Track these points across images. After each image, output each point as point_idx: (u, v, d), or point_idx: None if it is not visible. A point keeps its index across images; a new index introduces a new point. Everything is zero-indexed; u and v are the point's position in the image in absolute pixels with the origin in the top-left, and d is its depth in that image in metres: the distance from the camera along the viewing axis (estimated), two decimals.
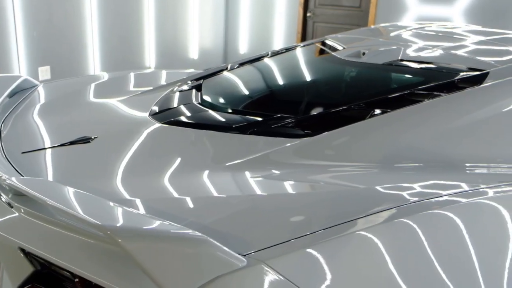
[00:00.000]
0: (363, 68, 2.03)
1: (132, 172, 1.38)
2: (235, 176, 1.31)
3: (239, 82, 2.15)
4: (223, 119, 1.67)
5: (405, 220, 1.12)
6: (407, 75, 1.98)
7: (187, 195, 1.25)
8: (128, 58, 6.17)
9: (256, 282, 0.94)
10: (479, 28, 2.68)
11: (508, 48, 2.14)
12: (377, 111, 1.58)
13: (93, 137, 1.61)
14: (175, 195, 1.27)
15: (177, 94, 2.01)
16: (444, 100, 1.66)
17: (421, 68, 1.95)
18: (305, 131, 1.50)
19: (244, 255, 0.98)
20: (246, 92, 2.08)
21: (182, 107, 1.82)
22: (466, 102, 1.67)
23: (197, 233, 0.96)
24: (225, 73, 2.25)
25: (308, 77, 2.12)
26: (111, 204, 1.05)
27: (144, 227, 0.96)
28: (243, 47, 7.54)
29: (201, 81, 2.15)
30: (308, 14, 6.94)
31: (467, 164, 1.52)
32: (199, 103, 1.85)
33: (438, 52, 2.11)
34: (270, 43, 7.25)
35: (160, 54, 6.57)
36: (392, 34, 2.57)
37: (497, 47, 2.18)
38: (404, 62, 1.99)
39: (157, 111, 1.81)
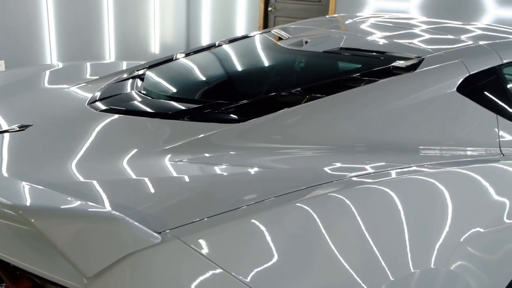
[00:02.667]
0: (304, 56, 2.06)
1: (61, 159, 1.38)
2: (163, 160, 1.33)
3: (181, 71, 2.17)
4: (160, 106, 1.69)
5: (317, 198, 1.17)
6: (345, 63, 2.02)
7: (113, 178, 1.26)
8: (86, 52, 6.08)
9: (170, 257, 0.96)
10: (424, 18, 2.74)
11: (447, 36, 2.20)
12: (311, 97, 1.61)
13: (28, 125, 1.60)
14: (101, 178, 1.27)
15: (119, 83, 2.01)
16: (378, 86, 1.70)
17: (360, 56, 2.00)
18: (237, 117, 1.52)
19: (160, 233, 0.99)
20: (187, 81, 2.10)
21: (122, 95, 1.83)
22: (399, 87, 1.71)
23: (111, 211, 0.96)
24: (169, 63, 2.26)
25: (249, 66, 2.15)
26: (26, 185, 1.05)
27: (57, 206, 0.97)
28: (205, 41, 7.53)
29: (145, 70, 2.15)
30: (269, 9, 6.98)
31: (395, 145, 1.57)
32: (139, 91, 1.86)
33: (379, 41, 2.15)
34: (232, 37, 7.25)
35: (121, 48, 6.49)
36: (339, 24, 2.61)
37: (437, 35, 2.24)
38: (344, 50, 2.03)
39: (96, 99, 1.81)
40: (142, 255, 0.94)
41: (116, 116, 1.63)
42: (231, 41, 2.45)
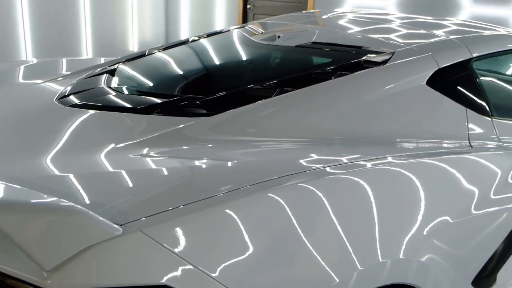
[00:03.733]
0: (276, 50, 2.06)
1: (26, 153, 1.36)
2: (129, 154, 1.32)
3: (152, 66, 2.16)
4: (130, 101, 1.68)
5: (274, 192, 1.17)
6: (317, 57, 2.03)
7: (77, 172, 1.24)
8: (63, 49, 5.99)
9: (132, 249, 0.95)
10: (399, 14, 2.76)
11: (419, 31, 2.22)
12: (282, 90, 1.61)
13: None
14: (65, 172, 1.26)
15: (90, 78, 1.99)
16: (348, 79, 1.70)
17: (332, 50, 2.00)
18: (208, 111, 1.51)
19: (122, 225, 0.99)
20: (157, 75, 2.09)
21: (92, 90, 1.81)
22: (370, 80, 1.72)
23: (71, 204, 0.95)
24: (141, 58, 2.24)
25: (222, 60, 2.15)
26: None
27: (15, 200, 0.95)
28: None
29: (117, 65, 2.13)
30: (248, 6, 6.97)
31: (366, 138, 1.58)
32: (109, 86, 1.84)
33: (351, 35, 2.16)
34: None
35: (98, 45, 6.41)
36: (315, 19, 2.62)
37: (409, 30, 2.26)
38: (317, 45, 2.03)
39: (65, 94, 1.79)
40: (102, 247, 0.93)
41: (85, 111, 1.61)
42: (205, 36, 2.44)
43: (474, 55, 1.96)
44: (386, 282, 1.28)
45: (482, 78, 2.06)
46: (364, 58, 1.83)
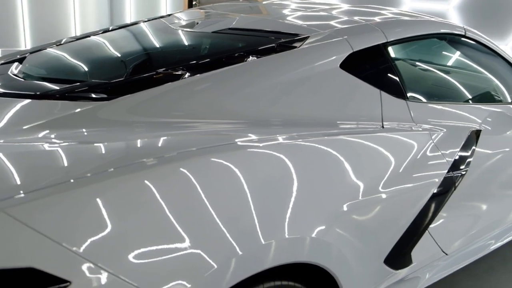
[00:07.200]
0: (192, 36, 2.04)
1: None
2: (15, 138, 1.27)
3: (62, 55, 2.10)
4: (29, 88, 1.63)
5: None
6: (233, 42, 2.01)
7: None
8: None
9: None
10: (333, 4, 2.75)
11: (340, 17, 2.23)
12: (193, 73, 1.58)
13: None
14: None
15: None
16: (259, 62, 1.69)
17: (248, 36, 1.99)
18: (104, 95, 1.47)
19: None
20: (64, 63, 2.03)
21: None
22: (281, 63, 1.71)
23: None
24: (54, 46, 2.18)
25: (131, 48, 2.11)
26: None
27: None
28: None
29: (27, 54, 2.06)
30: (193, 2, 6.92)
31: (280, 119, 1.56)
32: (13, 74, 1.78)
33: (271, 21, 2.15)
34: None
35: (37, 36, 6.09)
36: (247, 7, 2.60)
37: (331, 16, 2.26)
38: (233, 30, 2.01)
39: None
40: None
41: None
42: (124, 26, 2.39)
43: (390, 39, 1.98)
44: (275, 263, 1.27)
45: (398, 62, 2.08)
46: (278, 42, 1.82)
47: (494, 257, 2.69)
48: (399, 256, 1.74)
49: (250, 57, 1.69)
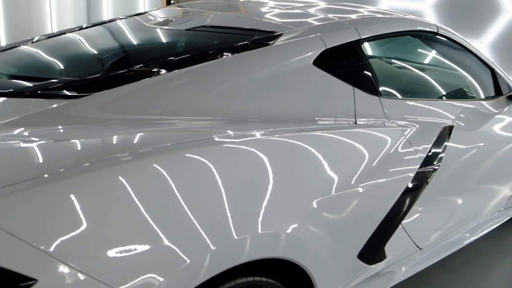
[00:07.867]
0: (165, 34, 2.03)
1: None
2: None
3: (36, 52, 2.07)
4: (3, 85, 1.60)
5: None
6: (206, 39, 2.01)
7: None
8: None
9: None
10: (311, 1, 2.76)
11: (315, 15, 2.23)
12: (168, 70, 1.57)
13: None
14: None
15: None
16: (232, 59, 1.68)
17: (222, 33, 1.99)
18: (75, 93, 1.45)
19: None
20: (36, 62, 2.01)
21: None
22: (253, 61, 1.71)
23: None
24: (28, 44, 2.15)
25: (104, 46, 2.10)
26: None
27: None
28: None
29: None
30: (171, 1, 6.88)
31: (247, 115, 1.56)
32: None
33: (245, 19, 2.16)
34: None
35: (13, 36, 5.99)
36: (217, 5, 2.60)
37: (306, 14, 2.27)
38: (208, 28, 2.01)
39: None
40: None
41: None
42: (100, 24, 2.37)
43: (363, 36, 2.00)
44: (249, 258, 1.27)
45: (371, 59, 2.10)
46: (251, 39, 1.82)
47: (469, 251, 2.73)
48: (372, 251, 1.76)
49: (224, 54, 1.69)
